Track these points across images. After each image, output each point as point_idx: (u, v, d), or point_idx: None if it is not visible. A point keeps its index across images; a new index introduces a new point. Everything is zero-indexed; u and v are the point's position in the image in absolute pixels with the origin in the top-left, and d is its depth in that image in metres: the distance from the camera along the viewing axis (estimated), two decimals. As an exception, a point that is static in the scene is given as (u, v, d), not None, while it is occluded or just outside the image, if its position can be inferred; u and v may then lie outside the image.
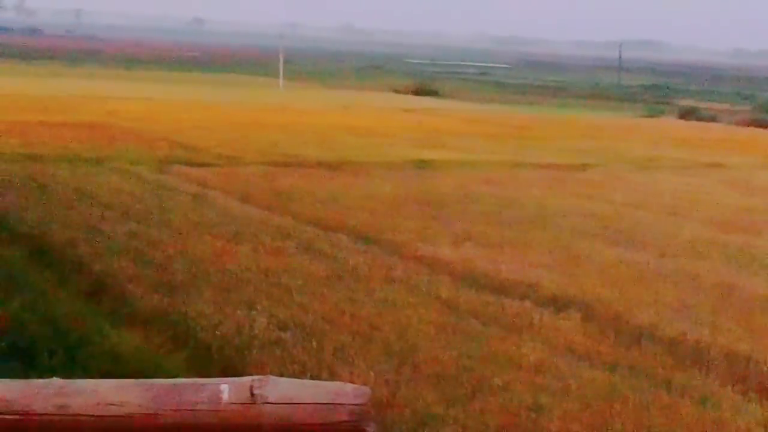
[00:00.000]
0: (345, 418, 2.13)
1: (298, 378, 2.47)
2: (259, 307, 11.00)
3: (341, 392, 2.17)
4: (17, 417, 2.06)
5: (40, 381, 2.12)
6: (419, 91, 66.96)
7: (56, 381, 2.13)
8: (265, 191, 19.74)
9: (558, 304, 11.99)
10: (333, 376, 8.49)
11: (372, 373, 8.84)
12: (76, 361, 9.05)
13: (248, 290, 11.80)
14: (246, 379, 2.17)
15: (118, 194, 18.34)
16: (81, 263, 12.68)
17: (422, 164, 26.06)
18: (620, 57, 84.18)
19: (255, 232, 15.29)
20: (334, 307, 11.26)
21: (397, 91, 66.91)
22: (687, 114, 57.58)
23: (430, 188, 21.74)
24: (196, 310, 10.78)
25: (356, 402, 2.14)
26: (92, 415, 2.10)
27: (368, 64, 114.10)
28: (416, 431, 7.87)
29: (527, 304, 11.90)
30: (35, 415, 2.08)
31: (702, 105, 65.38)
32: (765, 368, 9.94)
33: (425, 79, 79.68)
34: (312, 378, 8.10)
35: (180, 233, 14.89)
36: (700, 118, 54.98)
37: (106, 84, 53.42)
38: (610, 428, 8.28)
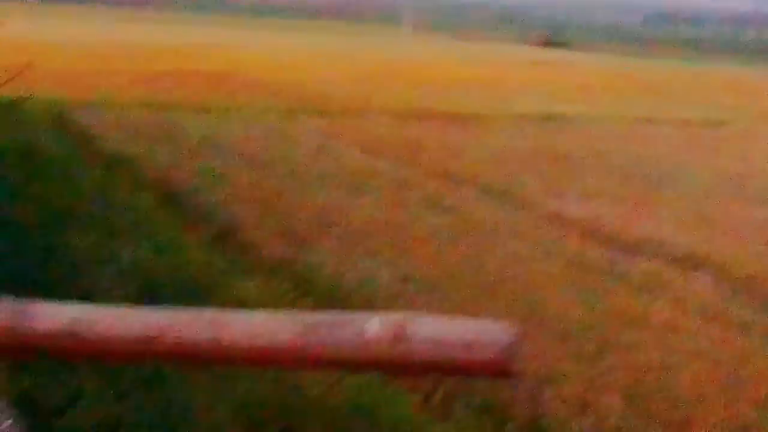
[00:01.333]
0: (493, 356, 2.05)
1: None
2: (382, 259, 10.92)
3: (489, 330, 2.08)
4: (172, 345, 2.09)
5: (194, 309, 2.14)
6: (549, 44, 66.05)
7: (209, 310, 2.13)
8: (391, 143, 19.65)
9: (689, 263, 11.63)
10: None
11: (496, 329, 8.66)
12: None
13: (372, 242, 11.73)
14: (393, 315, 2.11)
15: (244, 143, 18.46)
16: (207, 211, 12.78)
17: (551, 118, 25.64)
18: (761, 9, 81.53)
19: (379, 184, 15.22)
20: (459, 261, 11.11)
21: (526, 44, 66.11)
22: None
23: (559, 143, 21.37)
24: (319, 261, 10.74)
25: (504, 340, 2.05)
26: (244, 346, 2.08)
27: (498, 15, 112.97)
28: (541, 388, 7.69)
29: (657, 262, 11.57)
30: (188, 343, 2.08)
31: None
32: None
33: (555, 31, 78.51)
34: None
35: (304, 183, 14.91)
36: None
37: (232, 33, 53.96)
38: (741, 391, 7.98)
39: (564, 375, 7.98)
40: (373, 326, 2.07)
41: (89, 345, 2.04)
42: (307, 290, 9.89)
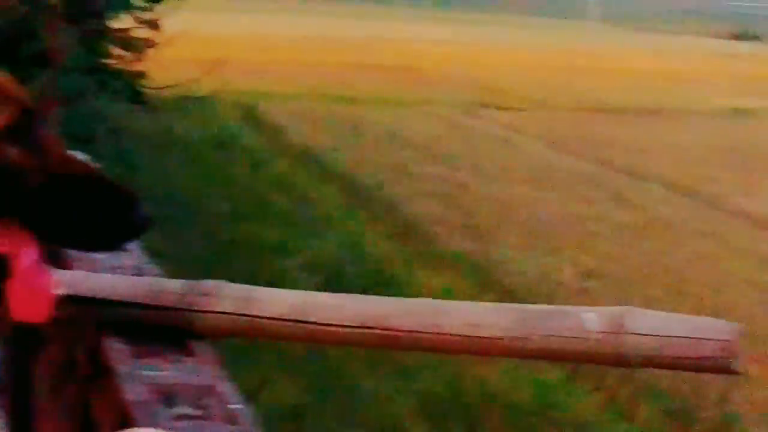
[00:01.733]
0: (713, 353, 2.05)
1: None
2: (565, 255, 10.85)
3: (709, 327, 2.09)
4: (392, 332, 2.17)
5: (414, 299, 2.24)
6: (741, 37, 64.05)
7: (428, 300, 2.20)
8: (574, 137, 19.44)
9: None
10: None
11: (682, 329, 8.49)
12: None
13: (554, 237, 11.66)
14: (613, 309, 2.15)
15: (427, 137, 18.57)
16: (391, 204, 12.92)
17: (742, 113, 24.86)
18: None
19: (563, 179, 15.10)
20: (644, 259, 10.94)
21: (716, 37, 64.30)
22: None
23: (751, 139, 20.70)
24: (501, 255, 10.75)
25: (725, 338, 2.05)
26: (462, 335, 2.16)
27: (685, 6, 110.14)
28: (728, 391, 7.52)
29: None
30: (408, 330, 2.16)
31: None
32: None
33: (748, 23, 76.08)
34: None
35: (487, 177, 14.91)
36: None
37: (414, 27, 54.26)
38: None
39: (752, 378, 7.77)
40: (592, 319, 2.08)
41: (310, 331, 2.14)
42: (490, 284, 9.90)
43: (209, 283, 2.15)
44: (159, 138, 15.69)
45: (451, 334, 2.13)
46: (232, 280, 2.25)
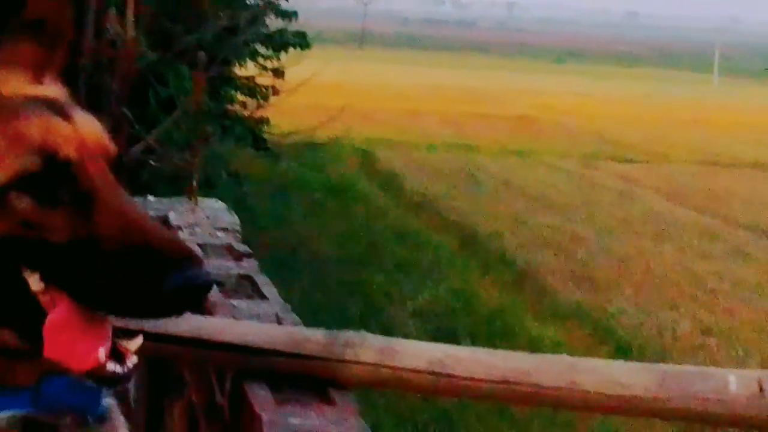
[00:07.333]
0: None
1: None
2: (682, 310, 10.70)
3: None
4: (531, 389, 2.18)
5: (553, 356, 2.25)
6: None
7: (566, 357, 2.22)
8: (695, 191, 19.16)
9: None
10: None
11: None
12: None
13: (672, 292, 11.50)
14: (754, 373, 2.13)
15: (544, 187, 18.51)
16: (505, 254, 12.90)
17: None
18: None
19: (681, 233, 14.88)
20: (764, 316, 10.71)
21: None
22: None
23: None
24: (617, 309, 10.65)
25: None
26: (600, 393, 2.17)
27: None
28: None
29: None
30: (546, 387, 2.18)
31: None
32: None
33: None
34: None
35: (603, 229, 14.78)
36: None
37: (535, 77, 54.19)
38: None
39: None
40: (734, 382, 2.07)
41: (451, 385, 2.16)
42: (604, 338, 9.80)
43: (352, 334, 2.18)
44: (278, 183, 15.95)
45: (590, 392, 2.13)
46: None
